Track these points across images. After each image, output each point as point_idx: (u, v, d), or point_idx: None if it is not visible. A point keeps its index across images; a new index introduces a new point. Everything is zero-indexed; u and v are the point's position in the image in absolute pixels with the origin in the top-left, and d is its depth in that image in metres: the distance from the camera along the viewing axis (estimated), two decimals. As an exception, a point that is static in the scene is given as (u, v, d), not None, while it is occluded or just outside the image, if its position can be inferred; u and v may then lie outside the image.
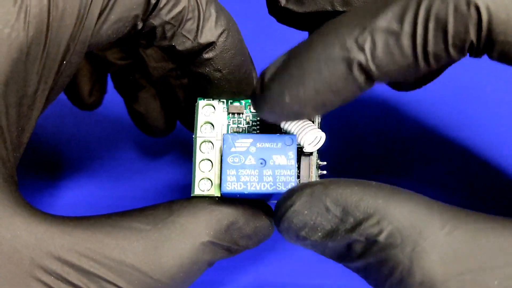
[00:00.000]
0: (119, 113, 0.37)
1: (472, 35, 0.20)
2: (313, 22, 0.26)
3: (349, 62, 0.20)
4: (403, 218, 0.20)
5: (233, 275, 0.34)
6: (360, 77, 0.20)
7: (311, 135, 0.24)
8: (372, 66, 0.20)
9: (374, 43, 0.20)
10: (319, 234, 0.21)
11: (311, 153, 0.25)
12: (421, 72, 0.21)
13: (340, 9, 0.25)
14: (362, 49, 0.20)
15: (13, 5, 0.21)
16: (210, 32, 0.25)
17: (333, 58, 0.20)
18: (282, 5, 0.25)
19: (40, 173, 0.36)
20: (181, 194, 0.36)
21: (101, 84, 0.35)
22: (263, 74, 0.22)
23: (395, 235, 0.20)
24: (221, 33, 0.25)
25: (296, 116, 0.22)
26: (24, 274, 0.21)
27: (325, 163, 0.25)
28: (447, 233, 0.20)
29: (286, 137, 0.24)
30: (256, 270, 0.34)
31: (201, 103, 0.25)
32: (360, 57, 0.20)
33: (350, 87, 0.21)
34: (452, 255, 0.20)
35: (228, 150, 0.24)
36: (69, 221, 0.22)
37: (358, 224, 0.21)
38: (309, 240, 0.22)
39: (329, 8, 0.25)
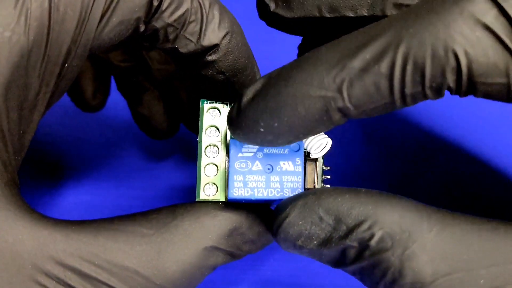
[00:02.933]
0: (122, 115, 0.37)
1: (450, 80, 0.20)
2: (302, 27, 0.26)
3: (326, 102, 0.20)
4: (393, 222, 0.21)
5: (234, 274, 0.34)
6: (336, 115, 0.21)
7: (317, 141, 0.24)
8: (350, 106, 0.21)
9: (352, 83, 0.20)
10: (315, 242, 0.22)
11: (316, 159, 0.25)
12: (397, 109, 0.21)
13: (327, 15, 0.25)
14: (339, 89, 0.20)
15: (13, 8, 0.21)
16: (213, 34, 0.24)
17: (310, 95, 0.21)
18: (272, 10, 0.26)
19: (43, 175, 0.36)
20: (185, 197, 0.36)
21: (105, 86, 0.34)
22: (240, 97, 0.22)
23: (386, 239, 0.21)
24: (225, 35, 0.25)
25: (269, 144, 0.22)
26: (26, 278, 0.21)
27: (329, 168, 0.25)
28: (435, 235, 0.21)
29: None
30: (256, 270, 0.34)
31: (206, 106, 0.25)
32: (337, 97, 0.20)
33: (324, 124, 0.21)
34: (440, 256, 0.21)
35: (235, 156, 0.23)
36: (71, 225, 0.22)
37: (350, 231, 0.21)
38: (306, 248, 0.22)
39: (317, 14, 0.25)
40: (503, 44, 0.20)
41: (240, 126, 0.22)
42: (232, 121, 0.22)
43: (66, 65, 0.23)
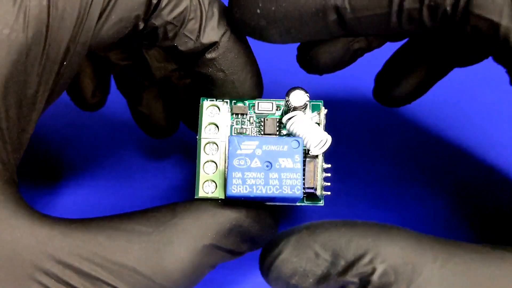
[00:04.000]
0: (121, 114, 0.37)
1: (448, 1, 0.20)
2: None
3: None
4: (395, 255, 0.20)
5: (234, 274, 0.34)
6: (332, 16, 0.21)
7: (317, 138, 0.24)
8: (347, 6, 0.21)
9: None
10: (310, 280, 0.21)
11: (316, 156, 0.25)
12: (391, 30, 0.21)
13: None
14: None
15: (12, 5, 0.21)
16: (212, 32, 0.24)
17: None
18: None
19: (42, 174, 0.36)
20: (184, 195, 0.36)
21: (104, 84, 0.34)
22: None
23: (389, 273, 0.20)
24: (224, 33, 0.25)
25: (259, 33, 0.22)
26: (25, 276, 0.21)
27: (329, 165, 0.25)
28: (440, 266, 0.20)
29: (293, 139, 0.23)
30: (256, 270, 0.34)
31: (206, 103, 0.25)
32: None
33: (319, 22, 0.21)
34: None
35: (233, 153, 0.23)
36: (70, 224, 0.22)
37: (350, 265, 0.21)
38: (300, 287, 0.22)
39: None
40: None
41: (238, 4, 0.22)
42: (231, 1, 0.23)
43: (65, 63, 0.23)
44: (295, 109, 0.25)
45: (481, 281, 0.20)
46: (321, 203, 0.26)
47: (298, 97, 0.25)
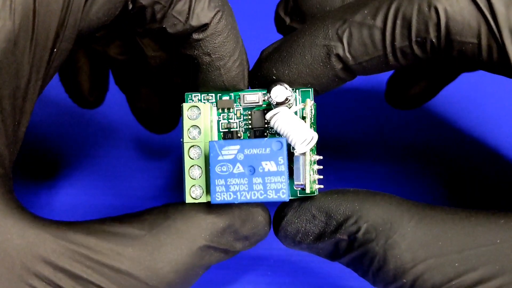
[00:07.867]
0: (118, 112, 0.36)
1: (432, 35, 0.23)
2: None
3: (328, 49, 0.24)
4: (377, 216, 0.23)
5: (233, 274, 0.34)
6: (337, 65, 0.24)
7: (301, 136, 0.23)
8: (348, 55, 0.24)
9: (351, 34, 0.24)
10: (311, 237, 0.24)
11: (304, 152, 0.24)
12: (392, 67, 0.24)
13: None
14: (340, 39, 0.24)
15: None
16: (202, 13, 0.24)
17: (315, 44, 0.24)
18: (287, 24, 0.28)
19: (39, 172, 0.36)
20: (181, 194, 0.35)
21: (102, 81, 0.34)
22: (262, 52, 0.26)
23: (371, 231, 0.23)
24: (215, 15, 0.24)
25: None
26: (15, 278, 0.21)
27: (321, 157, 0.24)
28: (414, 225, 0.23)
29: (274, 141, 0.23)
30: (255, 270, 0.34)
31: (185, 105, 0.24)
32: (338, 46, 0.24)
33: (328, 73, 0.24)
34: (418, 243, 0.23)
35: (215, 159, 0.23)
36: (61, 226, 0.22)
37: (339, 225, 0.24)
38: (304, 243, 0.25)
39: None
40: (476, 6, 0.22)
41: (256, 77, 0.25)
42: (251, 73, 0.25)
43: (55, 49, 0.22)
44: (277, 105, 0.24)
45: (447, 237, 0.23)
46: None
47: (279, 93, 0.24)
